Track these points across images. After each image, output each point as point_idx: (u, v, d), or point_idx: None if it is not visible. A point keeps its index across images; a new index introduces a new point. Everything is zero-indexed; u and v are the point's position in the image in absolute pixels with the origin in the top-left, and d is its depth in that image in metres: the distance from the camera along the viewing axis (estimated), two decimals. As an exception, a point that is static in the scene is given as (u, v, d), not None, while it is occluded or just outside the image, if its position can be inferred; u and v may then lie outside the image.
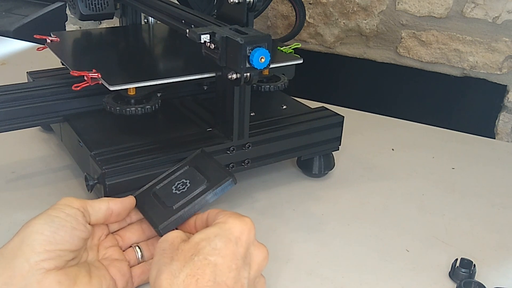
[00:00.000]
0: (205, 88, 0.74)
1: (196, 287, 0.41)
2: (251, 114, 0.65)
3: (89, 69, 0.60)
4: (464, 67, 1.10)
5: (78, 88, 0.60)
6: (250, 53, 0.52)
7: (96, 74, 0.60)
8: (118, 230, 0.55)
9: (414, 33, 1.12)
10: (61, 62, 0.72)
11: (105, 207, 0.51)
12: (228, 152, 0.63)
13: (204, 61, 0.59)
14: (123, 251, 0.54)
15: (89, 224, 0.49)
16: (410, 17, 1.12)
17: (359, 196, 0.71)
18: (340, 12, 1.18)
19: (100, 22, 1.41)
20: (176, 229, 0.52)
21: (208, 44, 0.54)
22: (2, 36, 1.37)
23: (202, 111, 0.70)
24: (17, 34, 1.62)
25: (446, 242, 0.62)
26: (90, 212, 0.50)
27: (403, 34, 1.14)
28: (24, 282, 0.43)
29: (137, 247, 0.54)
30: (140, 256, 0.53)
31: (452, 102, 1.14)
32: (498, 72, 1.08)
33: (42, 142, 0.80)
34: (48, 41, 0.74)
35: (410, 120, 0.95)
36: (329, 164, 0.74)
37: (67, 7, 1.51)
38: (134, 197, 0.57)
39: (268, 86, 0.71)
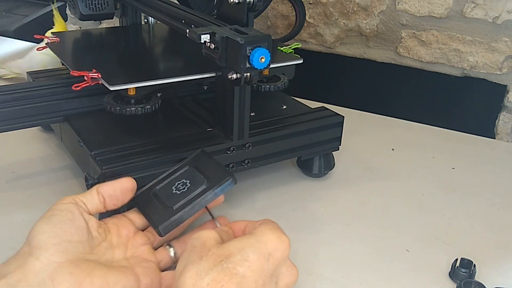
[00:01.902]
0: (205, 88, 0.74)
1: None
2: (251, 114, 0.65)
3: (89, 69, 0.60)
4: (464, 67, 1.10)
5: (78, 88, 0.60)
6: (250, 53, 0.52)
7: (96, 74, 0.60)
8: (149, 227, 0.55)
9: (414, 33, 1.12)
10: (61, 62, 0.72)
11: (95, 193, 0.52)
12: (228, 152, 0.63)
13: (204, 61, 0.59)
14: (156, 249, 0.54)
15: (89, 214, 0.50)
16: (410, 17, 1.11)
17: (359, 196, 0.71)
18: (340, 12, 1.18)
19: (100, 22, 1.41)
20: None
21: (208, 44, 0.54)
22: (2, 36, 1.37)
23: (202, 111, 0.70)
24: (17, 34, 1.62)
25: (446, 242, 0.62)
26: (84, 201, 0.51)
27: (403, 34, 1.14)
28: (37, 278, 0.43)
29: (168, 246, 0.54)
30: (173, 254, 0.53)
31: (452, 102, 1.14)
32: (498, 72, 1.08)
33: (42, 142, 0.80)
34: (48, 41, 0.74)
35: (410, 120, 0.95)
36: (329, 164, 0.74)
37: (67, 7, 1.51)
38: (135, 196, 0.57)
39: (268, 86, 0.71)
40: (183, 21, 0.63)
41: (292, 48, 0.74)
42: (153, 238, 0.54)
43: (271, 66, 0.53)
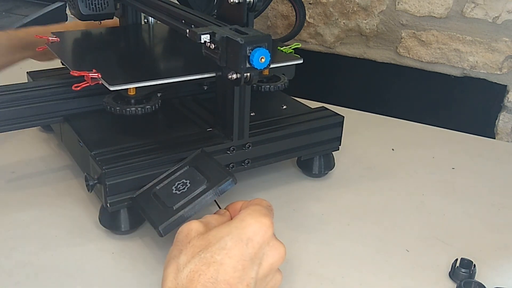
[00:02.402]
0: (205, 88, 0.74)
1: (197, 283, 0.42)
2: (251, 114, 0.65)
3: (89, 69, 0.60)
4: (464, 67, 1.10)
5: (78, 88, 0.60)
6: (250, 53, 0.52)
7: (96, 74, 0.60)
8: None
9: (414, 33, 1.12)
10: (61, 62, 0.72)
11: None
12: (228, 152, 0.63)
13: (204, 61, 0.59)
14: None
15: None
16: (410, 17, 1.11)
17: (359, 196, 0.71)
18: (340, 12, 1.18)
19: (100, 22, 1.41)
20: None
21: (208, 44, 0.54)
22: (2, 36, 1.37)
23: (202, 111, 0.70)
24: (17, 34, 1.62)
25: (446, 242, 0.62)
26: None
27: (403, 34, 1.14)
28: None
29: None
30: None
31: (452, 102, 1.14)
32: (498, 72, 1.08)
33: (42, 142, 0.80)
34: (48, 41, 0.74)
35: (410, 120, 0.95)
36: (329, 164, 0.74)
37: (67, 7, 1.51)
38: (135, 196, 0.57)
39: (268, 86, 0.71)
40: (183, 21, 0.63)
41: (292, 48, 0.74)
42: None
43: (271, 66, 0.53)
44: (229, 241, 0.45)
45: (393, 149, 0.85)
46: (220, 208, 0.55)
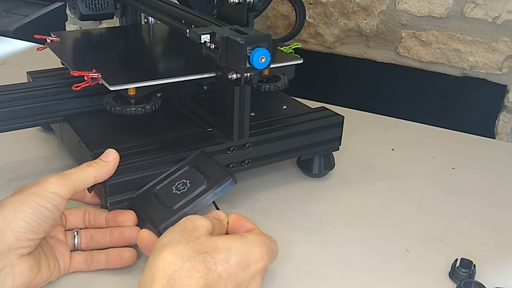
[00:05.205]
0: (205, 88, 0.74)
1: (195, 282, 0.42)
2: (251, 114, 0.65)
3: (89, 69, 0.60)
4: (464, 67, 1.10)
5: (78, 88, 0.60)
6: (250, 53, 0.52)
7: (96, 74, 0.60)
8: None
9: (414, 33, 1.12)
10: (61, 62, 0.72)
11: (92, 181, 0.53)
12: (228, 152, 0.63)
13: (204, 61, 0.59)
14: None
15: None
16: (410, 17, 1.12)
17: (359, 196, 0.71)
18: (340, 12, 1.18)
19: (100, 22, 1.41)
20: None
21: (209, 44, 0.55)
22: (2, 36, 1.37)
23: (202, 111, 0.70)
24: (17, 34, 1.62)
25: (446, 242, 0.62)
26: (76, 190, 0.51)
27: (403, 34, 1.14)
28: (1, 263, 0.45)
29: (75, 232, 0.55)
30: (77, 242, 0.54)
31: (452, 102, 1.14)
32: (498, 72, 1.08)
33: (42, 142, 0.80)
34: (48, 41, 0.74)
35: (410, 120, 0.95)
36: (329, 164, 0.74)
37: (67, 7, 1.51)
38: (135, 196, 0.57)
39: (268, 86, 0.71)
40: (183, 21, 0.63)
41: (292, 48, 0.74)
42: (64, 221, 0.55)
43: (271, 66, 0.53)
44: (234, 257, 0.45)
45: (393, 149, 0.85)
46: (218, 209, 0.55)
